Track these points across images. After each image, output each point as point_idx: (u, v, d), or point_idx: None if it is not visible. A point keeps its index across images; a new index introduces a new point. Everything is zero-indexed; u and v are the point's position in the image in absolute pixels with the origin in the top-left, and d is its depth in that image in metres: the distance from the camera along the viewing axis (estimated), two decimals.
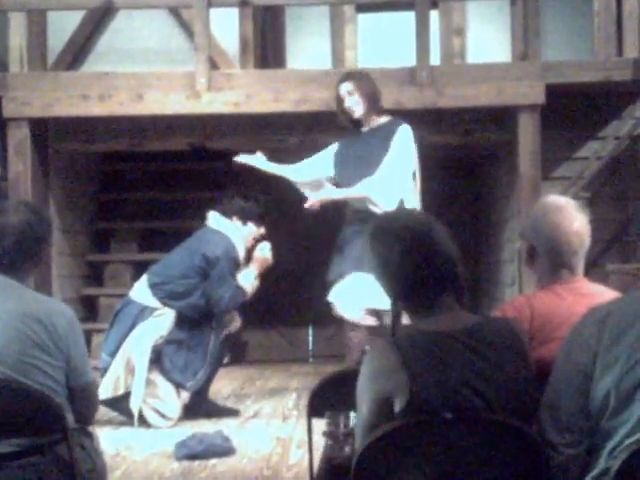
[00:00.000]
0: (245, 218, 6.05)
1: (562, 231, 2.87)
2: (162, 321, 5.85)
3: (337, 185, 5.83)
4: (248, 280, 6.01)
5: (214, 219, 6.08)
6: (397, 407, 2.33)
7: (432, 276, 2.46)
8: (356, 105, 5.72)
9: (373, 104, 5.73)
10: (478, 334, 2.42)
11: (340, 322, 5.96)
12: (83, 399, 3.19)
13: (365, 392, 2.40)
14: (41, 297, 3.20)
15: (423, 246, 2.46)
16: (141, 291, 5.95)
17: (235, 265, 5.96)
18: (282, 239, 9.84)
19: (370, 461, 2.31)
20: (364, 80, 5.80)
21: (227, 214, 6.05)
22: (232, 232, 6.01)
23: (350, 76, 5.87)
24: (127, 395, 5.75)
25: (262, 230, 6.17)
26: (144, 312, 5.85)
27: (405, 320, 2.57)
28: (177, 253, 6.04)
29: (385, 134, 5.66)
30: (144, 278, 6.01)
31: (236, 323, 6.12)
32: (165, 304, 5.86)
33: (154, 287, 5.89)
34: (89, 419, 3.28)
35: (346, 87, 5.75)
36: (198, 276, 5.87)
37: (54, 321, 3.07)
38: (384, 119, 5.77)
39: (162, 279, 5.90)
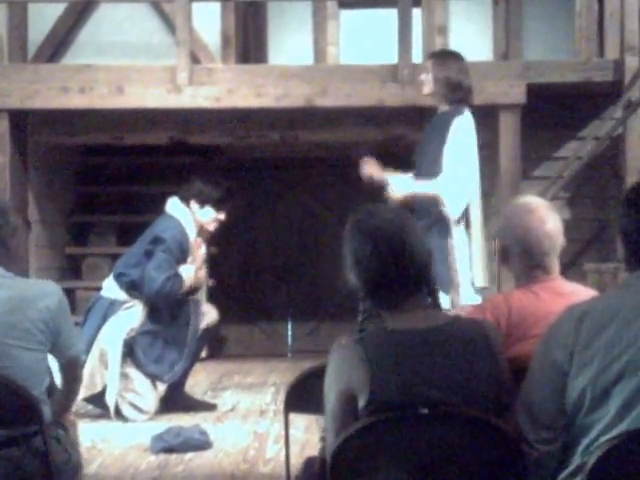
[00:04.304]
0: (203, 201, 5.98)
1: (533, 233, 2.88)
2: (132, 313, 5.85)
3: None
4: (188, 273, 5.91)
5: (171, 204, 6.05)
6: (360, 403, 2.36)
7: (401, 277, 2.48)
8: (426, 83, 5.34)
9: (444, 88, 5.29)
10: (445, 333, 2.44)
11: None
12: (71, 372, 3.27)
13: (330, 387, 2.44)
14: (30, 281, 3.24)
15: (393, 247, 2.49)
16: (109, 286, 5.97)
17: (180, 250, 5.89)
18: (263, 234, 9.87)
19: (345, 457, 2.32)
20: (445, 61, 5.38)
21: (185, 198, 6.02)
22: (186, 217, 5.96)
23: (433, 55, 5.53)
24: (105, 390, 5.75)
25: (221, 216, 6.06)
26: (113, 306, 5.86)
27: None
28: (136, 243, 6.06)
29: (442, 124, 5.26)
30: (112, 273, 6.04)
31: (212, 317, 6.09)
32: (131, 295, 5.87)
33: (118, 278, 5.92)
34: (77, 391, 3.43)
35: (425, 65, 5.45)
36: (148, 260, 5.86)
37: (47, 302, 3.11)
38: (447, 107, 5.31)
39: (122, 270, 5.94)
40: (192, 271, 5.92)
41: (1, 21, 7.34)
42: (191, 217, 5.98)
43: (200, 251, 6.05)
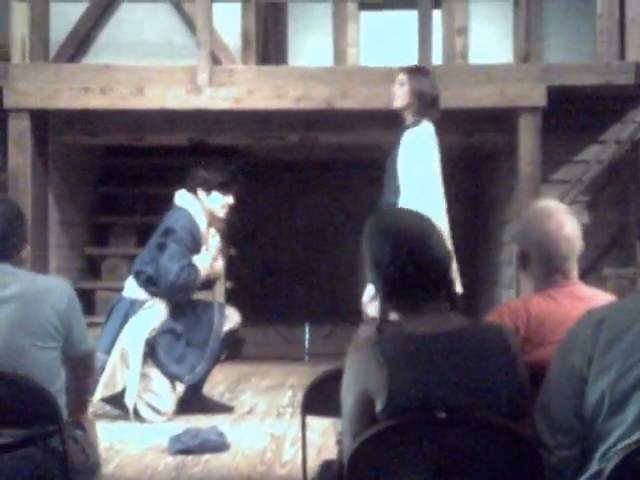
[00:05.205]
0: (209, 188, 5.99)
1: (552, 237, 2.87)
2: (153, 313, 5.85)
3: None
4: (203, 263, 5.91)
5: (179, 197, 6.08)
6: (378, 406, 2.35)
7: (420, 280, 2.47)
8: (399, 96, 5.48)
9: (419, 102, 5.43)
10: (463, 337, 2.43)
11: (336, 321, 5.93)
12: (84, 367, 3.26)
13: (348, 390, 2.43)
14: (38, 277, 3.22)
15: (413, 249, 2.47)
16: (130, 286, 5.99)
17: (192, 239, 5.89)
18: (281, 236, 9.87)
19: (362, 461, 2.31)
20: (420, 76, 5.52)
21: (191, 189, 6.04)
22: (194, 207, 5.98)
23: (408, 69, 5.62)
24: (124, 390, 5.76)
25: (230, 199, 6.04)
26: (134, 306, 5.87)
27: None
28: (151, 239, 6.08)
29: (397, 141, 5.42)
30: (131, 272, 6.07)
31: (235, 320, 6.08)
32: (151, 292, 5.88)
33: (136, 277, 5.94)
34: (90, 388, 3.45)
35: (400, 78, 5.50)
36: (162, 253, 5.86)
37: (58, 297, 3.11)
38: (411, 119, 5.46)
39: (139, 267, 5.97)
40: (207, 261, 5.92)
41: (23, 20, 7.36)
42: (200, 206, 5.99)
43: (214, 241, 6.05)
